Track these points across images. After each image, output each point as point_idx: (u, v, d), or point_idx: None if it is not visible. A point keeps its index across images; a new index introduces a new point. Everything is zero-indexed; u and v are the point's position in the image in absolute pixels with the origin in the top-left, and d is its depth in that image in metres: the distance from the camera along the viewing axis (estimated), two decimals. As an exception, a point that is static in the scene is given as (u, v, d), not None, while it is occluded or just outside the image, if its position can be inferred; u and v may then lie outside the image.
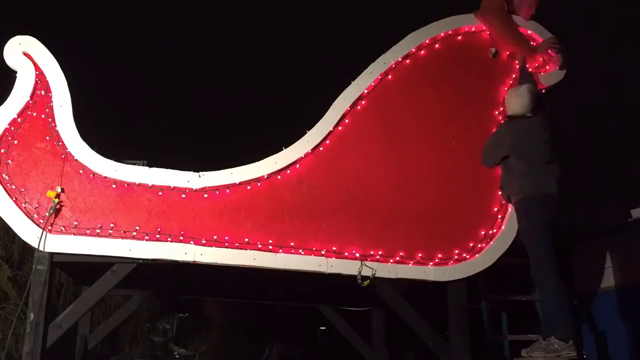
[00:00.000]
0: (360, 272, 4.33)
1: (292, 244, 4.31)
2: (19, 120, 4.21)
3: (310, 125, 4.61)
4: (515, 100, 4.58)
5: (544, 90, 4.92)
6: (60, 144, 4.21)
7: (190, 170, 4.32)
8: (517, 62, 4.89)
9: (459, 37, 4.96)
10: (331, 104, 4.66)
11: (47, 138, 4.22)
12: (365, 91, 4.71)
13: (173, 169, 4.33)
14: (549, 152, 4.47)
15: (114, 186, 4.21)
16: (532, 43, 4.99)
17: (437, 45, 4.91)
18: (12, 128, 4.19)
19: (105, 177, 4.22)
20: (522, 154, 4.45)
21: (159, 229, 4.17)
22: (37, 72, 4.28)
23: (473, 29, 4.98)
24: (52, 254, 4.08)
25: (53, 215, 4.07)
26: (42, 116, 4.25)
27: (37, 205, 4.09)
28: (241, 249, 4.24)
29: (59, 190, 4.11)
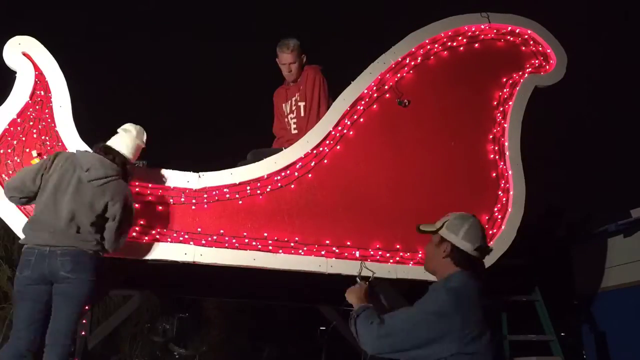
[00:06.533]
0: (360, 272, 4.32)
1: (291, 244, 4.31)
2: (18, 120, 4.20)
3: (310, 126, 4.60)
4: None
5: None
6: (60, 144, 4.20)
7: (190, 171, 4.33)
8: None
9: (459, 38, 4.95)
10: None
11: (47, 138, 4.22)
12: (365, 91, 4.71)
13: (173, 169, 4.33)
14: None
15: (113, 186, 4.20)
16: (530, 42, 5.01)
17: (436, 45, 4.91)
18: (12, 128, 4.18)
19: (105, 177, 4.20)
20: None
21: (158, 229, 4.17)
22: (37, 73, 4.27)
23: (473, 29, 4.98)
24: (52, 255, 4.07)
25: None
26: (42, 116, 4.25)
27: (36, 206, 4.08)
28: (241, 249, 4.23)
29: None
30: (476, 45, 4.98)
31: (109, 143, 3.90)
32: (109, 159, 3.80)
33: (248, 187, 4.36)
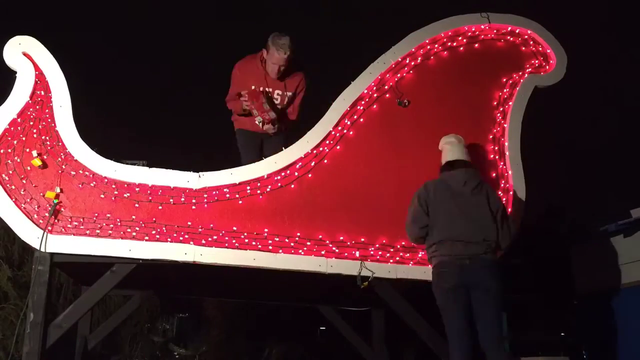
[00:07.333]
0: (360, 273, 4.33)
1: (292, 244, 4.31)
2: (18, 120, 4.20)
3: (310, 126, 4.61)
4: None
5: None
6: (60, 144, 4.21)
7: (190, 171, 4.33)
8: None
9: (459, 38, 4.96)
10: (331, 104, 4.66)
11: (47, 138, 4.22)
12: (365, 91, 4.71)
13: (173, 169, 4.33)
14: None
15: (113, 186, 4.21)
16: (530, 42, 5.02)
17: (436, 45, 4.91)
18: (12, 128, 4.19)
19: (105, 177, 4.21)
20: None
21: (158, 229, 4.17)
22: (37, 72, 4.27)
23: (473, 29, 4.98)
24: (52, 255, 4.07)
25: (53, 216, 4.07)
26: (42, 116, 4.25)
27: (37, 206, 4.08)
28: (241, 249, 4.24)
29: (58, 190, 4.11)
30: (476, 45, 4.98)
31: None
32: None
33: (248, 187, 4.36)
